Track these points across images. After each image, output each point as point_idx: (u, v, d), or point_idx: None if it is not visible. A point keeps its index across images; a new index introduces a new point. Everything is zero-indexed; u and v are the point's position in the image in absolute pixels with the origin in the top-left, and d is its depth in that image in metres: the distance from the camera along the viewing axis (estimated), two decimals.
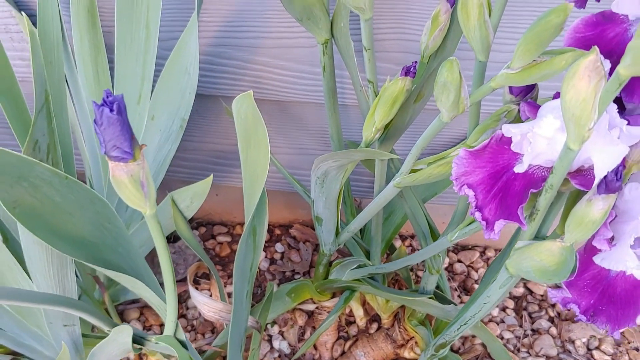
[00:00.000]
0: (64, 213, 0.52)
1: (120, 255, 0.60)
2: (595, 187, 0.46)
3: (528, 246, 0.54)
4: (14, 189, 0.47)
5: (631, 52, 0.38)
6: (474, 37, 0.56)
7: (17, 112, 0.77)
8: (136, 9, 0.77)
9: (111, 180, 0.46)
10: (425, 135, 0.63)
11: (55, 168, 0.48)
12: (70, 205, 0.52)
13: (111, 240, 0.58)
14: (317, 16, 0.75)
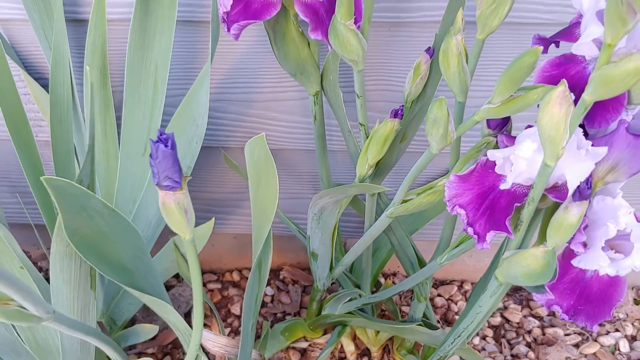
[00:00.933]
0: (109, 242, 0.59)
1: (150, 284, 0.66)
2: (570, 196, 0.55)
3: (515, 254, 0.62)
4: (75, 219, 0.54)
5: (593, 82, 0.47)
6: (454, 82, 0.66)
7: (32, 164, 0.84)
8: (145, 68, 0.85)
9: (160, 207, 0.54)
10: (416, 167, 0.71)
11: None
12: (114, 236, 0.59)
13: (143, 270, 0.65)
14: (309, 71, 0.84)
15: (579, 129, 0.57)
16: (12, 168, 1.07)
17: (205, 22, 0.87)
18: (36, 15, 0.85)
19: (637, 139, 0.58)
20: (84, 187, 0.57)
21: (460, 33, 0.63)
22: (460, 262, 1.26)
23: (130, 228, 0.61)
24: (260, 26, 0.88)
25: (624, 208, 0.59)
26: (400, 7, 0.84)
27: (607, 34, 0.45)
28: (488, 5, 0.60)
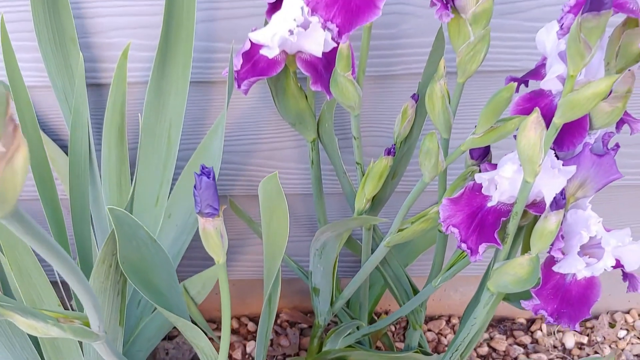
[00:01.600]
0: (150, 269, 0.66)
1: (180, 310, 0.74)
2: (548, 207, 0.65)
3: (503, 265, 0.72)
4: (127, 246, 0.62)
5: (561, 107, 0.58)
6: (439, 121, 0.76)
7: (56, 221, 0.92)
8: (160, 125, 0.94)
9: (201, 233, 0.62)
10: (411, 196, 0.81)
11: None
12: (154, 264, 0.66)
13: (175, 297, 0.72)
14: (307, 120, 0.94)
15: (551, 151, 0.67)
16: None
17: (214, 82, 0.97)
18: (59, 81, 0.94)
19: (600, 158, 0.68)
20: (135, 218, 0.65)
21: (443, 79, 0.74)
22: (447, 298, 1.35)
23: (167, 259, 0.69)
24: (262, 84, 0.98)
25: (594, 218, 0.69)
26: (385, 62, 0.96)
27: (569, 67, 0.55)
28: (467, 53, 0.71)
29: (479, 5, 0.68)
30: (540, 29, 0.70)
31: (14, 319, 0.53)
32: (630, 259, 0.70)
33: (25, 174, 0.34)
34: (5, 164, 0.32)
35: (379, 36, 0.93)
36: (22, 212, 0.37)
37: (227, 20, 0.92)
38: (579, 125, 0.68)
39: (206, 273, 1.06)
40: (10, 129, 0.32)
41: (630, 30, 0.61)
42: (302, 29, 0.78)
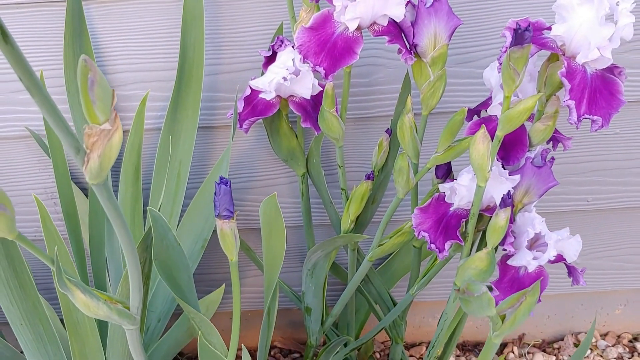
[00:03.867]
0: (175, 267, 0.80)
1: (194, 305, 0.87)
2: (498, 206, 0.80)
3: (466, 261, 0.86)
4: (159, 245, 0.75)
5: (501, 122, 0.74)
6: (409, 147, 0.92)
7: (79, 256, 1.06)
8: (170, 164, 1.09)
9: (218, 233, 0.77)
10: (388, 213, 0.96)
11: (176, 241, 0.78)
12: (177, 264, 0.80)
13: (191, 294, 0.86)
14: (297, 156, 1.09)
15: (497, 162, 0.83)
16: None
17: (216, 127, 1.13)
18: (81, 127, 1.09)
19: (539, 169, 0.85)
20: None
21: (410, 112, 0.91)
22: (426, 325, 1.48)
23: (187, 263, 0.83)
24: (257, 129, 1.15)
25: (538, 219, 0.85)
26: (362, 106, 1.13)
27: (505, 90, 0.72)
28: (428, 90, 0.88)
29: (436, 51, 0.85)
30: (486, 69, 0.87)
31: (74, 294, 0.66)
32: (569, 251, 0.85)
33: (118, 150, 0.49)
34: (108, 139, 0.47)
35: (356, 84, 1.10)
36: (108, 183, 0.52)
37: (228, 73, 1.08)
38: (520, 142, 0.84)
39: (209, 297, 1.18)
40: (113, 115, 0.47)
41: (553, 64, 0.79)
42: (294, 75, 0.94)
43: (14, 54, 0.38)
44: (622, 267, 1.35)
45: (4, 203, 0.53)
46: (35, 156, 1.15)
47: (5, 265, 0.83)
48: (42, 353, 0.93)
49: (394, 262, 1.28)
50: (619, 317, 1.48)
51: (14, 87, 1.09)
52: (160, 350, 1.22)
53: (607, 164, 1.21)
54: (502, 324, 0.66)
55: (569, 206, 1.25)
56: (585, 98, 0.74)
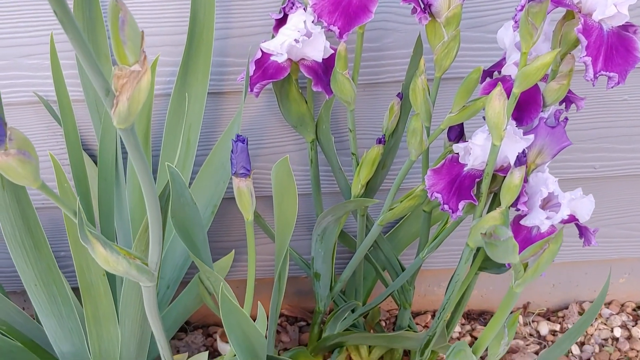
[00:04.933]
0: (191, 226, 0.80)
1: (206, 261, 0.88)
2: (512, 165, 0.81)
3: (479, 221, 0.87)
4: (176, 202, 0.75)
5: (517, 79, 0.74)
6: (421, 110, 0.92)
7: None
8: (180, 128, 1.09)
9: (235, 192, 0.77)
10: (400, 175, 0.96)
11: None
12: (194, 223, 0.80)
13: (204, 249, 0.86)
14: (307, 122, 1.09)
15: (512, 121, 0.83)
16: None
17: (225, 93, 1.13)
18: (91, 92, 1.09)
19: (553, 129, 0.85)
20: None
21: (423, 74, 0.90)
22: (431, 293, 1.49)
23: (201, 221, 0.83)
24: (266, 95, 1.14)
25: (551, 178, 0.85)
26: (372, 72, 1.13)
27: (522, 46, 0.72)
28: (442, 51, 0.88)
29: (450, 11, 0.85)
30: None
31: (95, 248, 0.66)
32: (582, 211, 0.86)
33: (146, 94, 0.49)
34: (137, 81, 0.47)
35: (366, 49, 1.10)
36: (135, 130, 0.52)
37: (238, 38, 1.08)
38: (534, 102, 0.84)
39: (219, 263, 1.19)
40: (143, 57, 0.47)
41: (569, 22, 0.79)
42: (306, 37, 0.94)
43: None
44: (629, 235, 1.36)
45: (29, 150, 0.53)
46: (44, 122, 1.15)
47: (20, 225, 0.83)
48: (56, 314, 0.93)
49: (402, 229, 1.29)
50: (623, 285, 1.49)
51: (22, 52, 1.09)
52: (169, 317, 1.23)
53: (615, 131, 1.21)
54: (525, 272, 0.67)
55: (576, 173, 1.25)
56: (602, 55, 0.74)
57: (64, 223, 1.11)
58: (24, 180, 0.54)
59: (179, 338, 1.45)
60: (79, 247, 0.87)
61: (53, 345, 0.98)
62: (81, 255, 0.88)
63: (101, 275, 0.90)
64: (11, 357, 1.03)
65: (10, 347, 1.03)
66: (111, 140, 1.10)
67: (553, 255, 0.63)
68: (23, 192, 0.83)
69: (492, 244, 0.61)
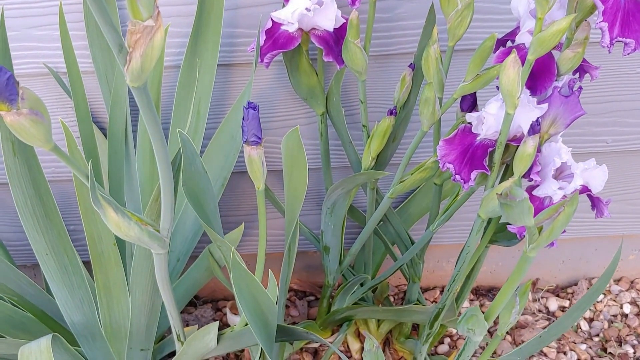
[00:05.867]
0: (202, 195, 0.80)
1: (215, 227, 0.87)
2: (526, 134, 0.80)
3: (491, 191, 0.86)
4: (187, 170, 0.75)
5: (532, 45, 0.73)
6: (435, 80, 0.91)
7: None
8: (190, 100, 1.08)
9: (246, 160, 0.76)
10: (411, 147, 0.96)
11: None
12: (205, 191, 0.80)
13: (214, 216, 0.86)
14: (317, 95, 1.09)
15: (526, 90, 0.82)
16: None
17: (235, 65, 1.12)
18: (102, 65, 1.08)
19: (567, 98, 0.84)
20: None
21: (436, 43, 0.89)
22: (440, 269, 1.49)
23: (212, 190, 0.83)
24: (277, 66, 1.14)
25: (564, 148, 0.84)
26: (383, 43, 1.11)
27: (538, 11, 0.71)
28: (456, 19, 0.87)
29: None
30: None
31: (107, 213, 0.66)
32: (595, 182, 0.85)
33: (160, 51, 0.49)
34: (151, 37, 0.47)
35: (377, 20, 1.09)
36: (147, 89, 0.51)
37: (248, 8, 1.07)
38: (548, 71, 0.83)
39: (229, 236, 1.19)
40: (156, 13, 0.47)
41: None
42: (317, 6, 0.93)
43: None
44: (638, 211, 1.35)
45: (41, 110, 0.53)
46: (54, 94, 1.15)
47: (32, 194, 0.83)
48: (67, 284, 0.94)
49: (412, 203, 1.28)
50: (633, 262, 1.48)
51: (31, 23, 1.08)
52: (179, 290, 1.23)
53: (628, 104, 1.20)
54: (539, 236, 0.66)
55: (589, 148, 1.24)
56: (618, 20, 0.73)
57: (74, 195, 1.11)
58: (36, 141, 0.54)
59: (188, 312, 1.46)
60: (90, 216, 0.87)
61: (64, 314, 0.98)
62: (92, 224, 0.88)
63: (112, 245, 0.90)
64: (23, 328, 1.03)
65: (21, 318, 1.03)
66: (121, 112, 1.10)
67: (568, 219, 0.63)
68: (34, 160, 0.83)
69: (507, 204, 0.61)
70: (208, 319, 1.45)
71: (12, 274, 1.01)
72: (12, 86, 0.50)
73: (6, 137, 0.77)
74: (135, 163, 1.16)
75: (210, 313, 1.45)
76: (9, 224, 1.32)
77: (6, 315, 0.99)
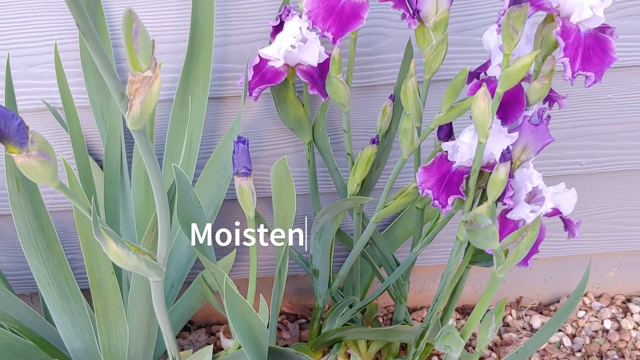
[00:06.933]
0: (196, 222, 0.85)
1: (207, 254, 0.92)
2: (498, 161, 0.86)
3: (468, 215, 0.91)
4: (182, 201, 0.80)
5: (500, 79, 0.79)
6: (412, 111, 0.97)
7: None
8: (182, 132, 1.14)
9: (237, 190, 0.81)
10: (393, 173, 1.01)
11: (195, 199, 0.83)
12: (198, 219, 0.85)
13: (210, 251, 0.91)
14: (304, 125, 1.14)
15: (497, 120, 0.88)
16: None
17: (225, 98, 1.18)
18: (97, 100, 1.14)
19: (537, 126, 0.90)
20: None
21: (413, 77, 0.95)
22: (426, 289, 1.54)
23: (204, 217, 0.88)
24: (264, 99, 1.19)
25: (535, 173, 0.90)
26: (366, 75, 1.17)
27: (504, 48, 0.77)
28: (431, 54, 0.93)
29: (438, 16, 0.90)
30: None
31: (107, 244, 0.71)
32: (565, 204, 0.90)
33: (157, 97, 0.54)
34: (149, 86, 0.52)
35: (359, 53, 1.15)
36: (146, 131, 0.56)
37: (237, 44, 1.13)
38: (518, 101, 0.89)
39: (221, 261, 1.23)
40: (154, 64, 0.52)
41: (549, 24, 0.84)
42: (302, 43, 0.99)
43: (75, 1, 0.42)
44: (615, 230, 1.41)
45: (48, 152, 0.58)
46: (51, 129, 1.20)
47: (34, 226, 0.88)
48: (67, 312, 0.98)
49: (397, 227, 1.34)
50: (613, 279, 1.54)
51: (30, 61, 1.13)
52: (174, 315, 1.27)
53: (600, 129, 1.26)
54: (505, 258, 0.71)
55: (564, 170, 1.30)
56: (579, 55, 0.79)
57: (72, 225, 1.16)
58: (44, 180, 0.59)
59: (183, 337, 1.49)
60: (90, 246, 0.92)
61: (64, 341, 1.02)
62: (91, 253, 0.92)
63: (110, 274, 0.95)
64: (24, 355, 1.07)
65: (22, 346, 1.07)
66: (116, 145, 1.15)
67: (531, 242, 0.68)
68: (37, 194, 0.87)
69: (473, 231, 0.66)
70: (202, 343, 1.48)
71: (12, 303, 1.05)
72: (23, 131, 0.55)
73: (11, 173, 0.82)
74: (130, 192, 1.21)
75: (204, 337, 1.49)
76: (8, 254, 1.36)
77: (8, 342, 1.03)
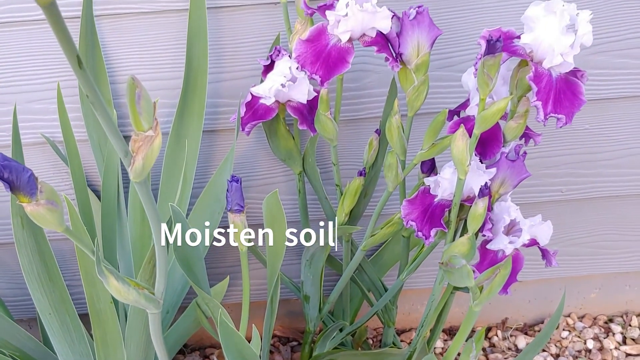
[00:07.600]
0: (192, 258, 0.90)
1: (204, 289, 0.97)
2: (476, 196, 0.91)
3: (450, 246, 0.96)
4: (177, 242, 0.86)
5: (477, 122, 0.85)
6: (397, 146, 1.02)
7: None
8: (177, 164, 1.18)
9: (231, 226, 0.86)
10: (379, 205, 1.06)
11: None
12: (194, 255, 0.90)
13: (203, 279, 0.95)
14: (294, 156, 1.19)
15: (476, 157, 0.93)
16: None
17: (219, 131, 1.23)
18: (95, 134, 1.18)
19: (514, 162, 0.95)
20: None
21: (397, 114, 1.00)
22: (415, 312, 1.58)
23: (200, 253, 0.93)
24: (256, 132, 1.24)
25: (513, 207, 0.95)
26: (353, 109, 1.23)
27: (480, 93, 0.82)
28: (413, 94, 0.98)
29: (419, 58, 0.95)
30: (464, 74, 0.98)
31: (109, 280, 0.75)
32: (542, 235, 0.95)
33: (157, 153, 0.59)
34: (150, 144, 0.57)
35: (347, 89, 1.20)
36: (148, 181, 0.61)
37: (230, 81, 1.18)
38: (496, 139, 0.94)
39: (215, 289, 1.28)
40: (155, 124, 0.57)
41: (523, 68, 0.89)
42: (292, 82, 1.04)
43: (85, 77, 0.47)
44: (596, 253, 1.46)
45: (55, 200, 0.63)
46: (50, 161, 1.24)
47: (37, 260, 0.92)
48: (68, 340, 1.02)
49: (385, 252, 1.38)
50: (595, 300, 1.59)
51: (30, 97, 1.18)
52: (169, 340, 1.31)
53: (579, 157, 1.32)
54: (480, 294, 0.76)
55: (546, 197, 1.35)
56: (551, 99, 0.84)
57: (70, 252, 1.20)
58: (51, 225, 0.63)
59: None
60: (89, 278, 0.96)
61: None
62: (91, 285, 0.97)
63: (109, 303, 0.99)
64: None
65: None
66: (113, 177, 1.19)
67: (504, 279, 0.73)
68: (40, 230, 0.92)
69: (449, 271, 0.71)
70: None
71: (12, 330, 1.09)
72: (33, 182, 0.60)
73: (16, 212, 0.87)
74: (127, 223, 1.25)
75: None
76: (6, 281, 1.40)
77: None
